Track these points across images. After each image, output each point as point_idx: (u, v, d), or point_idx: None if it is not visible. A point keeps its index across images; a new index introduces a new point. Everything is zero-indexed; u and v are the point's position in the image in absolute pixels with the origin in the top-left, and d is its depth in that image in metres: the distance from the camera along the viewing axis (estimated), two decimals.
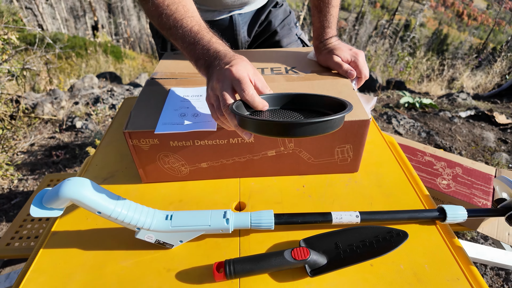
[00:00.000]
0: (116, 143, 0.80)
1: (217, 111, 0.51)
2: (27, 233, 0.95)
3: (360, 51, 0.74)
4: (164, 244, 0.54)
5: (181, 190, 0.67)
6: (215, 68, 0.53)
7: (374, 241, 0.52)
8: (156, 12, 0.61)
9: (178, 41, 0.60)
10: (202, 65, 0.57)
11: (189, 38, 0.58)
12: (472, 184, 0.92)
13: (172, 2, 0.61)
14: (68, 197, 0.45)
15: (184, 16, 0.60)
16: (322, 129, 0.43)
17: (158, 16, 0.61)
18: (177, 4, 0.61)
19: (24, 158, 2.05)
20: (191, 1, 0.64)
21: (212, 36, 0.58)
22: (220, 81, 0.50)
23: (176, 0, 0.61)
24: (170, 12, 0.60)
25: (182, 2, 0.61)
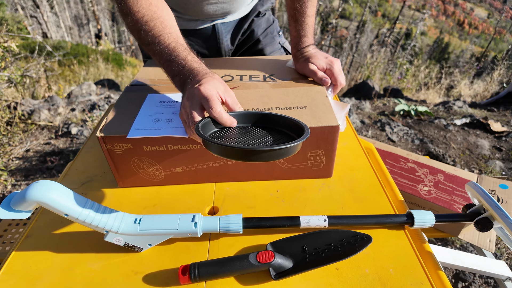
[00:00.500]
0: (97, 148, 0.82)
1: (188, 129, 0.53)
2: (11, 238, 0.96)
3: (336, 59, 0.75)
4: (133, 247, 0.55)
5: (156, 195, 0.67)
6: (187, 86, 0.55)
7: (339, 245, 0.53)
8: (135, 27, 0.63)
9: (156, 56, 0.62)
10: (177, 82, 0.59)
11: (166, 55, 0.59)
12: (453, 190, 0.92)
13: (150, 18, 0.62)
14: (35, 200, 0.46)
15: (162, 32, 0.61)
16: (277, 155, 0.45)
17: (138, 31, 0.62)
18: (155, 20, 0.62)
19: (18, 164, 2.06)
20: (170, 16, 0.65)
21: (188, 53, 0.60)
22: (189, 99, 0.52)
23: (154, 17, 0.62)
24: (148, 28, 0.61)
25: (160, 19, 0.62)
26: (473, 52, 29.58)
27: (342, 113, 0.71)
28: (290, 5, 0.77)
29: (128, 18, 0.63)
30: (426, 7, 42.32)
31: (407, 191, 0.92)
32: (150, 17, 0.62)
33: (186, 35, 0.67)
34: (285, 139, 0.51)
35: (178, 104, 0.68)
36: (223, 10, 0.88)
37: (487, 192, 0.58)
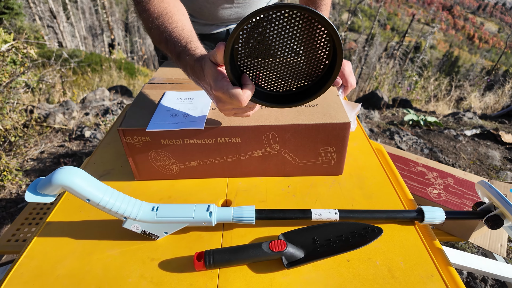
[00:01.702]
0: (114, 144, 0.85)
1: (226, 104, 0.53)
2: (28, 231, 0.99)
3: (347, 61, 0.77)
4: (149, 235, 0.57)
5: (171, 188, 0.70)
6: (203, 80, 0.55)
7: (350, 236, 0.54)
8: (147, 26, 0.65)
9: (167, 52, 0.63)
10: (190, 73, 0.59)
11: (177, 48, 0.60)
12: (463, 194, 0.92)
13: (160, 14, 0.64)
14: (60, 184, 0.49)
15: (168, 27, 0.62)
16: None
17: (149, 29, 0.65)
18: (164, 16, 0.63)
19: (33, 165, 2.12)
20: (179, 10, 0.67)
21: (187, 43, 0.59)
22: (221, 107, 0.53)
23: (163, 12, 0.64)
24: (159, 23, 0.63)
25: (168, 14, 0.64)
26: (483, 66, 29.39)
27: (353, 113, 0.73)
28: None
29: (142, 16, 0.66)
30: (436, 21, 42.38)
31: (417, 193, 0.93)
32: (160, 13, 0.64)
33: (201, 39, 0.69)
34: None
35: (194, 101, 0.71)
36: (237, 15, 0.92)
37: (498, 190, 0.58)
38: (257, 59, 0.49)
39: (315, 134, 0.64)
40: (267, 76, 0.52)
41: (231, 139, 0.65)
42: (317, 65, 0.49)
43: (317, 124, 0.63)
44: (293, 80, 0.52)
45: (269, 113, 0.65)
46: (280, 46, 0.47)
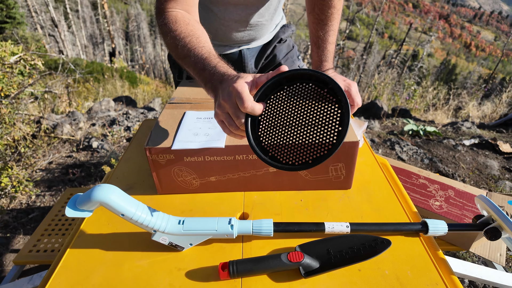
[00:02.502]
0: (135, 159, 0.90)
1: (230, 127, 0.56)
2: (48, 242, 1.04)
3: (353, 82, 0.83)
4: (176, 247, 0.62)
5: (192, 201, 0.75)
6: (219, 90, 0.58)
7: (361, 248, 0.59)
8: (174, 43, 0.70)
9: (190, 68, 0.68)
10: (209, 87, 0.63)
11: (199, 64, 0.65)
12: (463, 205, 0.97)
13: (187, 35, 0.69)
14: (98, 200, 0.54)
15: (196, 46, 0.68)
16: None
17: (175, 46, 0.69)
18: (191, 36, 0.69)
19: (42, 175, 2.16)
20: (204, 34, 0.73)
21: (218, 61, 0.65)
22: (225, 100, 0.55)
23: (190, 34, 0.70)
24: (185, 43, 0.68)
25: (195, 35, 0.70)
26: (480, 73, 29.71)
27: (360, 131, 0.79)
28: (314, 33, 0.86)
29: (168, 36, 0.70)
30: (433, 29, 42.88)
31: (419, 205, 0.98)
32: (187, 34, 0.69)
33: None
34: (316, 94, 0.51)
35: (213, 120, 0.76)
36: (249, 37, 0.98)
37: (496, 204, 0.64)
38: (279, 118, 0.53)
39: None
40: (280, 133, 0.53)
41: (248, 156, 0.70)
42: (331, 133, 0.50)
43: None
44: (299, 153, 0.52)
45: None
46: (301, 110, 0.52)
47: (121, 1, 49.21)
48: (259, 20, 0.95)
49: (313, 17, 0.86)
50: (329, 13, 0.84)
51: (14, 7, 12.73)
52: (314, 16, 0.86)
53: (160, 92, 8.12)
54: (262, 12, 0.94)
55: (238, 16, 0.92)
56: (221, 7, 0.89)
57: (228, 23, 0.93)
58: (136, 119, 3.09)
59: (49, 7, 15.70)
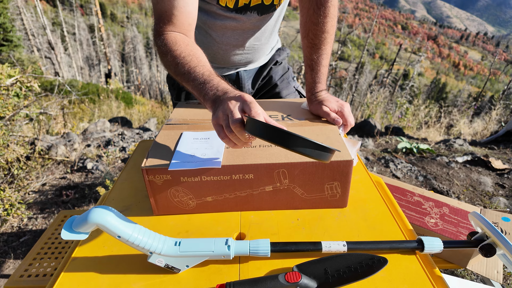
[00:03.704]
0: (131, 180, 0.90)
1: (226, 129, 0.59)
2: (40, 266, 1.01)
3: (346, 103, 0.86)
4: (172, 269, 0.61)
5: (188, 222, 0.74)
6: (225, 98, 0.61)
7: (358, 267, 0.59)
8: (173, 62, 0.72)
9: (189, 82, 0.70)
10: (209, 98, 0.65)
11: (201, 79, 0.67)
12: (458, 222, 0.98)
13: (187, 54, 0.72)
14: (95, 222, 0.54)
15: (197, 64, 0.70)
16: (316, 154, 0.52)
17: (175, 65, 0.72)
18: (192, 56, 0.72)
19: (35, 197, 2.13)
20: (203, 54, 0.76)
21: (220, 79, 0.69)
22: (231, 104, 0.58)
23: (191, 53, 0.72)
24: (185, 61, 0.71)
25: (195, 55, 0.72)
26: (470, 92, 30.44)
27: (353, 149, 0.80)
28: (308, 57, 0.89)
29: (167, 55, 0.73)
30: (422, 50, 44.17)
31: (415, 223, 0.98)
32: (187, 54, 0.72)
33: None
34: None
35: (210, 141, 0.77)
36: (246, 60, 1.01)
37: (489, 221, 0.65)
38: None
39: (322, 171, 0.71)
40: None
41: (244, 176, 0.71)
42: None
43: None
44: None
45: (279, 152, 0.72)
46: None
47: (118, 24, 50.15)
48: (255, 43, 0.99)
49: (307, 41, 0.90)
50: (322, 38, 0.88)
51: (11, 30, 12.91)
52: (308, 40, 0.89)
53: (156, 112, 8.16)
54: (258, 36, 0.97)
55: (235, 41, 0.95)
56: (219, 32, 0.93)
57: (226, 47, 0.96)
58: (132, 140, 3.08)
59: (46, 30, 15.95)
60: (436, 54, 79.80)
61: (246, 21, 0.90)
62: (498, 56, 36.15)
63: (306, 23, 0.88)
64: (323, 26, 0.86)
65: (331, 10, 0.85)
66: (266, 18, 0.93)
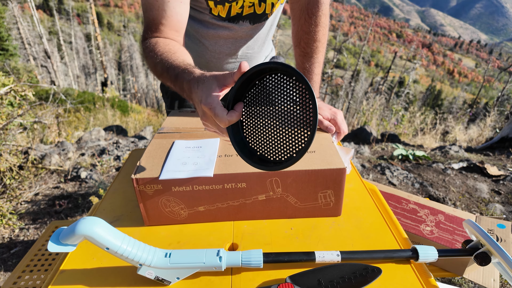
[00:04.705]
0: (122, 190, 0.88)
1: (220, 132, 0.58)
2: (29, 278, 0.99)
3: (339, 111, 0.85)
4: (162, 281, 0.59)
5: (180, 232, 0.73)
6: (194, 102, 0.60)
7: (352, 277, 0.58)
8: (152, 63, 0.73)
9: (168, 81, 0.70)
10: (186, 96, 0.64)
11: (173, 75, 0.67)
12: (454, 230, 0.97)
13: (164, 51, 0.72)
14: (83, 234, 0.53)
15: (170, 58, 0.70)
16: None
17: (154, 65, 0.73)
18: (167, 52, 0.72)
19: (27, 208, 2.10)
20: (181, 49, 0.76)
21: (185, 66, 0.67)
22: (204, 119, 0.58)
23: (166, 50, 0.73)
24: (161, 59, 0.71)
25: (171, 51, 0.73)
26: (465, 98, 30.79)
27: (347, 157, 0.80)
28: (301, 65, 0.89)
29: (148, 57, 0.75)
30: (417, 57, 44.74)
31: (410, 231, 0.98)
32: (164, 51, 0.73)
33: None
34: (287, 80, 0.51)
35: (202, 149, 0.76)
36: None
37: (483, 229, 0.64)
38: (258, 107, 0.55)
39: (315, 179, 0.70)
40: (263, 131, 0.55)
41: (237, 185, 0.70)
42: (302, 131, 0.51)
43: (316, 170, 0.69)
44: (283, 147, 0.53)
45: None
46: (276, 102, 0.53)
47: (115, 32, 50.39)
48: (248, 52, 0.99)
49: (299, 50, 0.90)
50: (314, 47, 0.88)
51: (7, 39, 12.92)
52: (300, 49, 0.90)
53: (152, 120, 8.15)
54: (251, 44, 0.97)
55: (228, 49, 0.95)
56: (212, 40, 0.93)
57: (219, 55, 0.96)
58: (127, 148, 3.07)
59: (42, 39, 15.98)
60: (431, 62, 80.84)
61: (238, 30, 0.90)
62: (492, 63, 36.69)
63: (298, 32, 0.89)
64: (314, 35, 0.86)
65: (322, 19, 0.85)
66: (258, 27, 0.93)
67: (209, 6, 0.82)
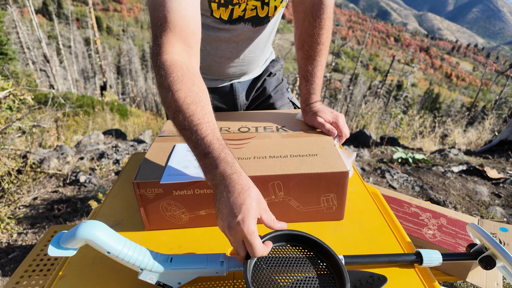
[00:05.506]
0: (123, 194, 0.88)
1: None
2: (28, 284, 0.97)
3: (340, 114, 0.85)
4: (164, 286, 0.59)
5: (181, 237, 0.72)
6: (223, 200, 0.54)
7: (357, 284, 0.57)
8: (174, 105, 0.59)
9: (189, 143, 0.60)
10: (209, 179, 0.58)
11: (201, 147, 0.58)
12: (456, 234, 0.97)
13: (192, 101, 0.59)
14: (84, 238, 0.52)
15: (201, 121, 0.58)
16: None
17: (176, 111, 0.59)
18: (197, 104, 0.59)
19: (25, 212, 2.08)
20: (209, 99, 0.63)
21: (221, 150, 0.58)
22: (232, 234, 0.52)
23: (196, 100, 0.60)
24: (189, 112, 0.58)
25: (201, 103, 0.60)
26: (463, 102, 30.93)
27: (349, 161, 0.79)
28: (303, 68, 0.89)
29: (169, 93, 0.60)
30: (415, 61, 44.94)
31: (412, 234, 0.97)
32: (192, 100, 0.59)
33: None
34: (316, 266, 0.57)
35: None
36: (240, 72, 1.01)
37: (487, 233, 0.63)
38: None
39: (317, 182, 0.69)
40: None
41: None
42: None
43: (319, 173, 0.68)
44: None
45: (274, 164, 0.71)
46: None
47: (114, 37, 50.52)
48: (249, 56, 0.99)
49: (302, 53, 0.90)
50: (317, 50, 0.88)
51: (6, 44, 12.92)
52: (303, 52, 0.90)
53: (151, 124, 8.14)
54: (253, 48, 0.97)
55: (229, 53, 0.95)
56: (213, 44, 0.92)
57: (220, 59, 0.96)
58: (126, 152, 3.05)
59: (41, 43, 16.00)
60: (428, 65, 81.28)
61: (240, 32, 0.90)
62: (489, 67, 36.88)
63: (302, 35, 0.89)
64: (318, 37, 0.86)
65: (327, 22, 0.85)
66: (260, 30, 0.93)
67: (211, 8, 0.82)
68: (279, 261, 0.57)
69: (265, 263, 0.57)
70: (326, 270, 0.56)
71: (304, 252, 0.59)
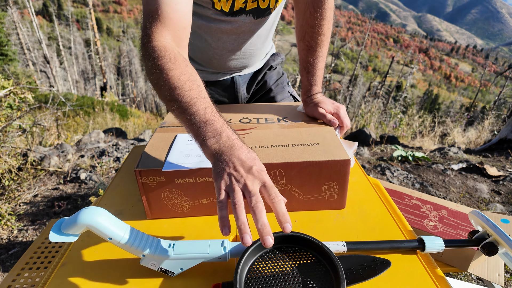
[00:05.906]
0: (124, 185, 0.88)
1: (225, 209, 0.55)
2: (28, 276, 0.97)
3: (341, 105, 0.85)
4: (166, 272, 0.59)
5: (183, 225, 0.72)
6: (234, 155, 0.53)
7: (360, 269, 0.57)
8: (169, 84, 0.60)
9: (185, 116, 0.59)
10: (212, 143, 0.56)
11: (201, 117, 0.57)
12: (457, 225, 0.97)
13: (187, 79, 0.60)
14: (85, 223, 0.52)
15: (199, 95, 0.59)
16: None
17: (170, 89, 0.59)
18: (192, 82, 0.60)
19: (26, 209, 2.08)
20: (201, 80, 0.64)
21: (224, 120, 0.59)
22: (250, 178, 0.52)
23: (191, 78, 0.60)
24: (185, 89, 0.59)
25: (196, 81, 0.61)
26: (462, 102, 30.97)
27: (350, 151, 0.79)
28: (304, 59, 0.89)
29: (163, 74, 0.60)
30: (414, 62, 45.02)
31: (414, 226, 0.97)
32: (188, 78, 0.60)
33: (208, 85, 0.73)
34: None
35: None
36: (241, 65, 1.01)
37: (490, 219, 0.63)
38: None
39: (319, 171, 0.69)
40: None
41: None
42: None
43: (320, 161, 0.68)
44: None
45: (276, 152, 0.71)
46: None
47: (114, 38, 50.59)
48: (250, 48, 0.99)
49: (304, 44, 0.90)
50: (319, 40, 0.88)
51: (7, 45, 12.93)
52: (304, 43, 0.90)
53: (151, 124, 8.14)
54: (254, 41, 0.97)
55: (231, 46, 0.95)
56: (215, 36, 0.92)
57: (222, 52, 0.96)
58: (126, 150, 3.05)
59: (42, 44, 16.01)
60: (427, 66, 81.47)
61: (241, 24, 0.90)
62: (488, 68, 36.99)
63: (303, 26, 0.89)
64: (319, 28, 0.86)
65: (328, 12, 0.85)
66: (261, 22, 0.93)
67: (212, 0, 0.82)
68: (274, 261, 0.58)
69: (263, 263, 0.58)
70: (315, 259, 0.57)
71: (305, 254, 0.59)
